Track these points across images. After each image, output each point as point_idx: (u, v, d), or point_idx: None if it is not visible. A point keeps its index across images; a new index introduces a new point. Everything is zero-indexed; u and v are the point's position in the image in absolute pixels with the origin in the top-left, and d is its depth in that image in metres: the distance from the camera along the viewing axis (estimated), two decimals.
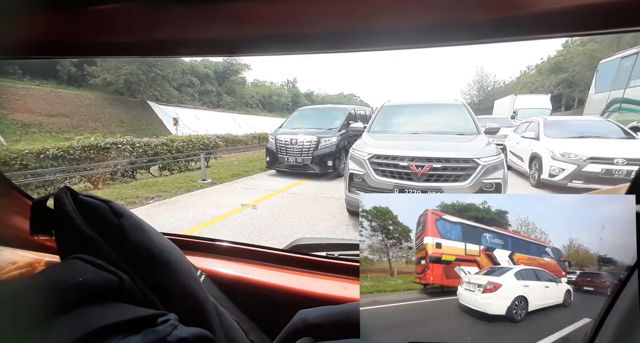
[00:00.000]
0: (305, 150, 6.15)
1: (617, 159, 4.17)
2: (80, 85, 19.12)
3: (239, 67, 29.65)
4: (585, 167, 4.32)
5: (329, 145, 6.14)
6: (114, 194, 4.67)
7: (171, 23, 0.47)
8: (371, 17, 0.39)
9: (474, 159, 2.89)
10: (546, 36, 0.38)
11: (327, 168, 6.08)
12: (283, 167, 6.35)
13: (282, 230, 3.32)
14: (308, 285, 0.79)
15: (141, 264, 0.48)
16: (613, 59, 8.08)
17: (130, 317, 0.37)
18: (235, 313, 0.71)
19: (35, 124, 14.77)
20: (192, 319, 0.46)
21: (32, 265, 0.58)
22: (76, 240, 0.46)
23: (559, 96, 24.67)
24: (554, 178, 4.60)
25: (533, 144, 5.33)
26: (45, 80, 17.69)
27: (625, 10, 0.32)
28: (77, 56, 0.60)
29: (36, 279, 0.42)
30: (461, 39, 0.40)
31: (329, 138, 6.19)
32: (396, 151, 3.11)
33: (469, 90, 38.23)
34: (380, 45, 0.43)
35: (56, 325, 0.34)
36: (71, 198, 0.48)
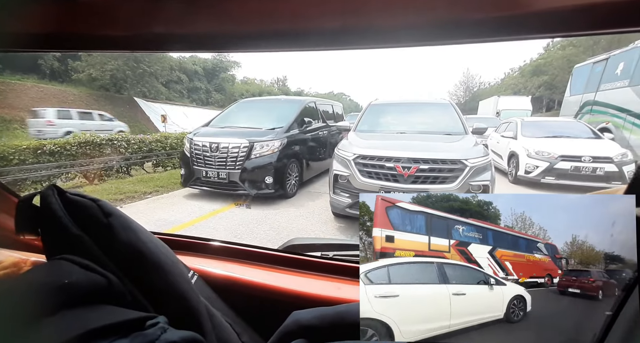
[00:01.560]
0: (231, 160, 4.14)
1: (585, 157, 4.60)
2: (64, 80, 18.60)
3: (228, 65, 29.43)
4: (556, 164, 4.73)
5: (267, 152, 4.19)
6: (112, 189, 4.77)
7: (164, 17, 0.46)
8: (367, 15, 0.39)
9: (461, 160, 2.83)
10: (543, 36, 0.38)
11: (263, 186, 4.10)
12: (201, 184, 4.35)
13: None
14: (302, 285, 0.78)
15: (131, 265, 0.46)
16: (586, 64, 8.64)
17: (117, 320, 0.36)
18: (228, 315, 0.70)
19: (17, 120, 14.32)
20: (183, 321, 0.45)
21: (17, 265, 0.56)
22: (63, 240, 0.45)
23: (540, 97, 25.69)
24: (529, 175, 4.99)
25: (511, 143, 5.73)
26: (26, 75, 17.11)
27: (624, 11, 0.32)
28: (66, 49, 0.58)
29: (21, 280, 0.41)
30: (459, 38, 0.39)
31: (269, 142, 4.23)
32: (382, 151, 3.02)
33: (455, 90, 39.35)
34: (376, 43, 0.42)
35: (40, 328, 0.33)
36: (58, 197, 0.47)
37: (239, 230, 3.30)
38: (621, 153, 4.58)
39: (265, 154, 4.20)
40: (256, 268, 0.87)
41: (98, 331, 0.33)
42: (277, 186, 4.21)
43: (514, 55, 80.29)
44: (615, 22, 0.33)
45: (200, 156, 4.29)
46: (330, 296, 0.72)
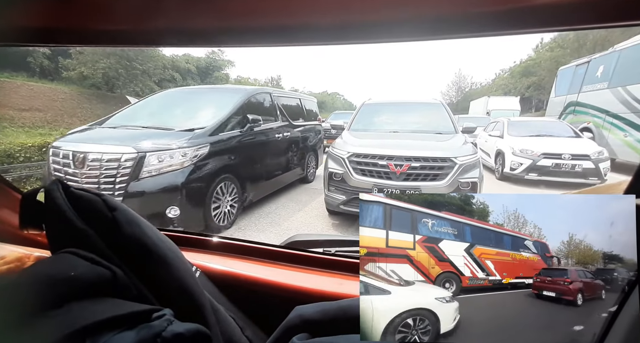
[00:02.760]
0: (105, 181, 2.61)
1: (565, 154, 4.92)
2: (54, 78, 18.34)
3: (222, 64, 29.32)
4: (539, 161, 5.04)
5: (171, 168, 2.68)
6: None
7: (160, 12, 0.45)
8: (363, 10, 0.38)
9: (451, 158, 2.95)
10: (541, 30, 0.38)
11: (166, 221, 2.61)
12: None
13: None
14: (304, 281, 0.79)
15: (135, 259, 0.47)
16: (570, 66, 9.05)
17: (123, 312, 0.36)
18: (231, 310, 0.70)
19: (6, 119, 14.10)
20: (188, 315, 0.45)
21: (21, 259, 0.56)
22: (67, 234, 0.45)
23: (530, 98, 26.34)
24: (514, 171, 5.29)
25: (498, 142, 6.03)
26: (15, 72, 16.81)
27: (622, 4, 0.32)
28: (62, 44, 0.57)
29: (26, 273, 0.41)
30: (456, 32, 0.39)
31: (175, 152, 2.71)
32: (375, 149, 3.13)
33: (447, 90, 40.01)
34: (371, 38, 0.42)
35: (46, 320, 0.33)
36: (63, 191, 0.47)
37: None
38: (598, 151, 4.92)
39: (164, 171, 2.63)
40: (258, 264, 0.88)
41: (104, 323, 0.34)
42: (193, 220, 2.74)
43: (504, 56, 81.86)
44: (612, 16, 0.33)
45: (61, 173, 2.69)
46: (332, 292, 0.73)
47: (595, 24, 0.35)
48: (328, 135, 6.66)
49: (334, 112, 12.61)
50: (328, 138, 6.44)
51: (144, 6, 0.44)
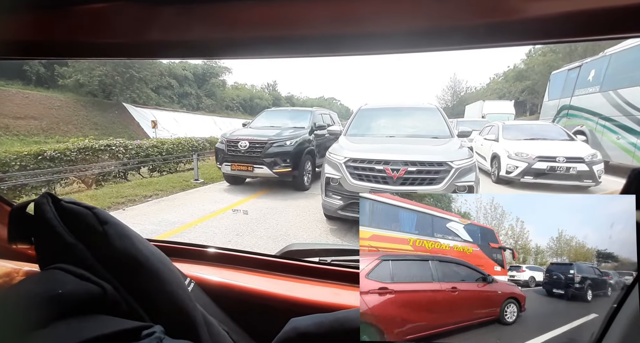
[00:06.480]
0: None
1: (559, 157, 4.97)
2: (50, 86, 18.31)
3: (219, 70, 29.51)
4: (534, 164, 5.09)
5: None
6: (113, 192, 4.86)
7: (157, 25, 0.46)
8: (358, 22, 0.39)
9: (447, 162, 2.95)
10: (528, 43, 0.38)
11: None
12: None
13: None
14: (300, 291, 0.77)
15: (126, 273, 0.46)
16: (562, 71, 9.20)
17: (111, 330, 0.35)
18: (225, 323, 0.69)
19: (1, 127, 14.04)
20: (180, 330, 0.45)
21: (9, 275, 0.55)
22: (57, 249, 0.44)
23: (524, 102, 26.70)
24: (510, 174, 5.34)
25: (494, 146, 6.10)
26: (10, 80, 16.79)
27: (629, 16, 0.33)
28: (58, 57, 0.57)
29: (13, 291, 0.40)
30: (449, 44, 0.40)
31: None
32: (372, 154, 3.13)
33: (443, 95, 40.53)
34: (367, 50, 0.43)
35: (31, 341, 0.32)
36: (53, 205, 0.46)
37: (240, 229, 3.48)
38: (591, 154, 4.98)
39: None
40: (254, 274, 0.87)
41: (91, 342, 0.33)
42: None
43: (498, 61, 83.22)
44: (594, 30, 0.34)
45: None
46: (328, 303, 0.72)
47: (585, 37, 0.35)
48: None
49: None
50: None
51: (141, 19, 0.45)
